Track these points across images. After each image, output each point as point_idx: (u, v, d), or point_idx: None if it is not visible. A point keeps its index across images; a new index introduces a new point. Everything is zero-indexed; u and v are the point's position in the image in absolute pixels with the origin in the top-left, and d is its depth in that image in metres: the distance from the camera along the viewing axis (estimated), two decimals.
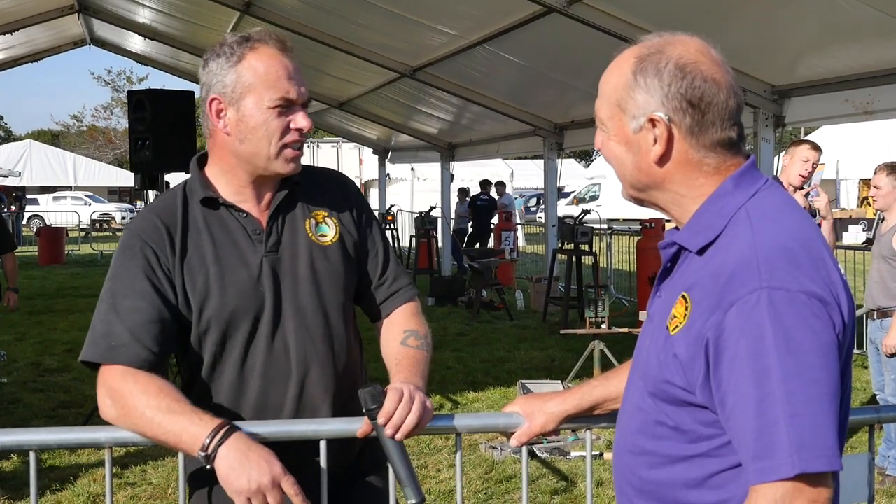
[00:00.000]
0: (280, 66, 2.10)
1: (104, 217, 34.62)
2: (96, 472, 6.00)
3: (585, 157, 53.65)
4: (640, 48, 1.69)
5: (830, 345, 1.49)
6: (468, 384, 8.65)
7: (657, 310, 1.74)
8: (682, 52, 1.65)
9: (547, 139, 12.63)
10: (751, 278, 1.51)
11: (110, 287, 2.10)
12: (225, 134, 2.14)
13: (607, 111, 1.71)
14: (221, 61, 2.12)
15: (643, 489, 1.73)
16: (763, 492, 1.47)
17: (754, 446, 1.47)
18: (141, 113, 7.86)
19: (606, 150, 1.75)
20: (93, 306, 2.12)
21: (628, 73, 1.67)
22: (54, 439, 2.15)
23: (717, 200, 1.65)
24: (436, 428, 2.20)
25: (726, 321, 1.51)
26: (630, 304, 13.41)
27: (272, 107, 2.08)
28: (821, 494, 1.46)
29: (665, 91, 1.63)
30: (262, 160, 2.12)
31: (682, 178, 1.67)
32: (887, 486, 5.77)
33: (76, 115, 62.67)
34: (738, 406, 1.49)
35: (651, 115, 1.64)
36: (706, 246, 1.63)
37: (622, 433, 1.81)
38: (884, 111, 6.64)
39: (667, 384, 1.63)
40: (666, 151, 1.65)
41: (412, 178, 26.08)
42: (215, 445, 1.89)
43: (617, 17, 7.34)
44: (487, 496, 5.67)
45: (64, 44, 16.26)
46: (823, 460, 1.44)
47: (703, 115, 1.63)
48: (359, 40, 11.00)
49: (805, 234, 1.60)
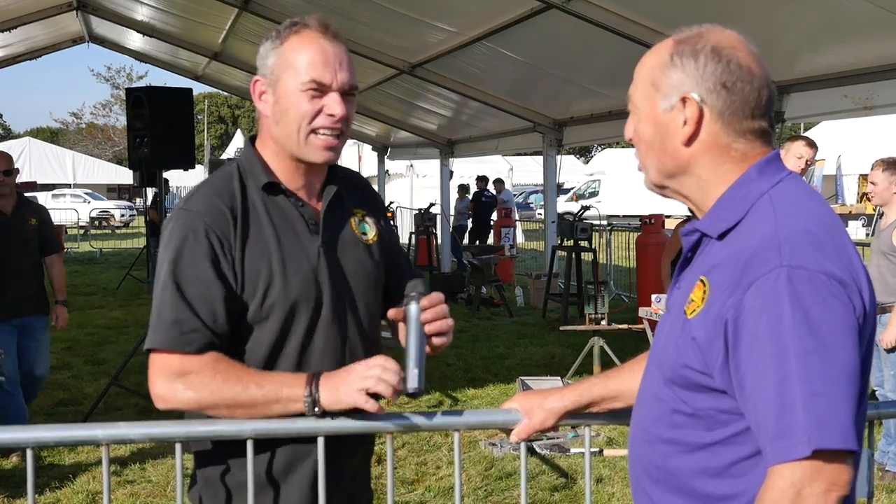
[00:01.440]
0: (317, 50, 2.08)
1: (103, 215, 34.61)
2: (96, 469, 6.00)
3: (585, 154, 53.67)
4: (680, 34, 1.71)
5: (850, 326, 1.49)
6: (468, 381, 8.65)
7: (676, 300, 1.74)
8: (721, 38, 1.67)
9: (546, 135, 12.62)
10: (771, 257, 1.51)
11: (174, 271, 2.04)
12: (265, 115, 2.15)
13: (641, 92, 1.73)
14: (268, 44, 2.13)
15: (661, 479, 1.72)
16: (781, 472, 1.46)
17: (774, 426, 1.46)
18: (139, 110, 7.86)
19: (636, 133, 1.75)
20: (92, 303, 2.12)
21: (665, 54, 1.69)
22: (51, 436, 2.14)
23: (740, 187, 1.65)
24: (435, 425, 2.20)
25: (745, 300, 1.51)
26: (630, 301, 13.41)
27: (304, 90, 2.07)
28: (840, 476, 1.45)
29: (700, 72, 1.64)
30: (294, 145, 2.11)
31: (707, 163, 1.68)
32: (887, 481, 5.78)
33: (75, 113, 62.77)
34: (758, 387, 1.49)
35: (684, 94, 1.65)
36: (727, 231, 1.64)
37: (638, 424, 1.81)
38: (883, 107, 6.65)
39: (685, 369, 1.62)
40: (695, 132, 1.66)
41: (411, 174, 26.07)
42: (315, 386, 2.01)
43: (616, 12, 7.33)
44: (487, 493, 5.66)
45: (62, 41, 16.25)
46: (839, 438, 1.42)
47: (735, 100, 1.64)
48: (358, 37, 10.98)
49: (828, 221, 1.60)
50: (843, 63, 6.65)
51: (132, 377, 8.33)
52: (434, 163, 18.22)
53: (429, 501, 5.53)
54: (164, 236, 2.10)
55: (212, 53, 14.90)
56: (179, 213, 2.11)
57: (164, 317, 2.03)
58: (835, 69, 6.79)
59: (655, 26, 7.31)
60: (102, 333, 11.44)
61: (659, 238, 11.93)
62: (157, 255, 2.13)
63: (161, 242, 2.12)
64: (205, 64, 16.40)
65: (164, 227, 2.12)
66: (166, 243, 2.08)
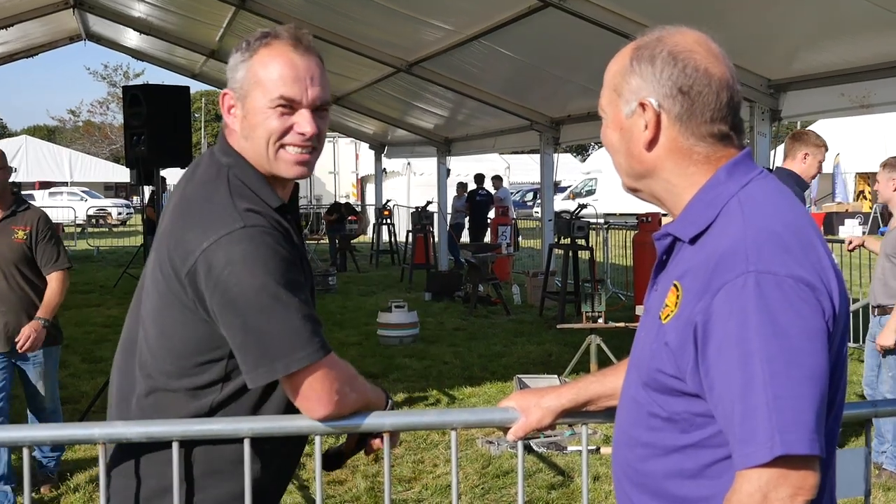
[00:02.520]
0: (287, 64, 2.01)
1: (100, 213, 34.58)
2: (93, 467, 5.99)
3: (582, 152, 53.65)
4: (641, 39, 1.73)
5: (818, 330, 1.49)
6: (465, 379, 8.66)
7: (653, 302, 1.74)
8: (679, 41, 1.67)
9: (543, 134, 12.63)
10: (738, 262, 1.51)
11: (276, 282, 1.89)
12: (233, 129, 2.09)
13: (606, 97, 1.76)
14: (238, 56, 2.07)
15: (639, 482, 1.73)
16: (748, 476, 1.47)
17: (739, 430, 1.47)
18: (136, 108, 7.84)
19: (605, 138, 1.79)
20: (89, 301, 2.10)
21: (626, 59, 1.71)
22: (48, 435, 2.15)
23: (709, 190, 1.66)
24: (432, 423, 2.20)
25: (714, 305, 1.52)
26: (627, 299, 13.41)
27: (273, 107, 2.01)
28: (806, 480, 1.45)
29: (657, 77, 1.65)
30: (264, 161, 2.05)
31: (672, 166, 1.69)
32: (883, 479, 5.79)
33: (73, 111, 62.75)
34: (725, 390, 1.50)
35: (642, 99, 1.66)
36: (698, 235, 1.64)
37: (619, 427, 1.82)
38: (881, 105, 6.65)
39: (659, 373, 1.63)
40: (655, 136, 1.67)
41: (408, 172, 26.07)
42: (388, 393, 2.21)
43: (613, 10, 7.32)
44: (484, 491, 5.67)
45: (59, 39, 16.24)
46: (805, 443, 1.43)
47: (693, 103, 1.64)
48: (355, 35, 10.99)
49: (797, 220, 1.60)
50: (841, 61, 6.65)
51: None
52: (431, 161, 18.23)
53: (426, 499, 5.53)
54: (236, 259, 1.90)
55: (209, 51, 14.90)
56: (244, 234, 1.91)
57: (303, 330, 1.91)
58: (832, 67, 6.79)
59: (652, 24, 7.30)
60: (99, 331, 11.44)
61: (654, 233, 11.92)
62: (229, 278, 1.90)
63: (230, 267, 1.90)
64: (202, 62, 16.39)
65: (226, 252, 1.91)
66: (245, 265, 1.89)
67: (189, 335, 2.00)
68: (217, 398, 2.02)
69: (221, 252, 1.90)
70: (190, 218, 1.99)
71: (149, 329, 2.07)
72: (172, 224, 2.03)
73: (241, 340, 1.92)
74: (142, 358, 2.07)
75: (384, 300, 12.19)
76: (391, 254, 20.14)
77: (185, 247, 1.95)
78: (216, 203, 1.98)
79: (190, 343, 2.00)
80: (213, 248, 1.91)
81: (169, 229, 2.03)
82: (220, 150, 2.12)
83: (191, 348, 2.00)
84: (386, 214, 19.75)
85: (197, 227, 1.95)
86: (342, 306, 13.30)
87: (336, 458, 2.26)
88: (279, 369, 1.90)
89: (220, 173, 2.05)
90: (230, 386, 2.01)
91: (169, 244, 2.00)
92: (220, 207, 1.96)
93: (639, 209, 16.29)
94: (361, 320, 12.10)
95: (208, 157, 2.13)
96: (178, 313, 2.00)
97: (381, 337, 10.60)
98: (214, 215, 1.95)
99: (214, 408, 2.02)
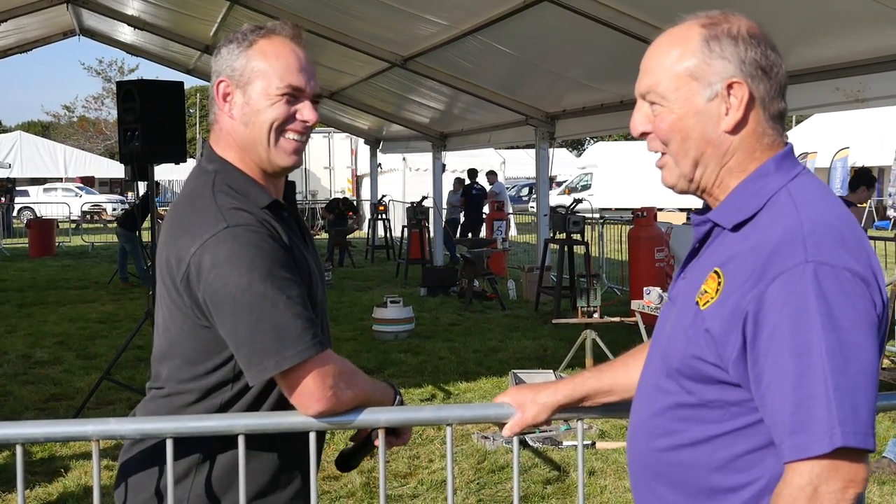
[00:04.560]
0: (291, 55, 2.07)
1: (95, 208, 34.49)
2: (87, 464, 5.98)
3: (577, 147, 53.67)
4: (700, 21, 1.67)
5: (871, 325, 1.49)
6: (460, 374, 8.66)
7: (681, 291, 1.72)
8: (747, 23, 1.65)
9: (538, 128, 12.62)
10: (796, 252, 1.50)
11: (268, 283, 1.90)
12: (229, 117, 2.09)
13: (671, 83, 1.66)
14: (233, 47, 2.09)
15: (663, 472, 1.70)
16: (799, 469, 1.45)
17: (791, 420, 1.45)
18: (130, 103, 7.80)
19: (666, 128, 1.68)
20: (84, 297, 2.09)
21: (697, 41, 1.65)
22: (41, 432, 2.13)
23: (756, 180, 1.64)
24: (428, 419, 2.19)
25: (768, 294, 1.50)
26: (622, 294, 13.42)
27: (280, 94, 2.05)
28: (858, 474, 1.45)
29: (742, 57, 1.62)
30: (262, 149, 2.07)
31: (742, 150, 1.66)
32: (878, 473, 5.78)
33: (67, 106, 62.47)
34: (775, 380, 1.48)
35: (730, 80, 1.62)
36: (742, 223, 1.62)
37: (638, 417, 1.79)
38: (875, 99, 6.65)
39: (696, 360, 1.61)
40: (744, 117, 1.63)
41: (404, 167, 26.04)
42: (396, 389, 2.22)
43: (608, 5, 7.32)
44: (480, 486, 5.67)
45: (53, 34, 16.20)
46: (861, 437, 1.42)
47: (771, 83, 1.63)
48: (350, 30, 10.97)
49: (847, 216, 1.60)
50: (836, 56, 6.65)
51: (124, 372, 8.33)
52: (426, 156, 18.20)
53: (421, 495, 5.53)
54: (222, 260, 1.91)
55: (203, 47, 14.84)
56: (236, 231, 1.93)
57: (295, 327, 1.91)
58: (827, 62, 6.79)
59: (648, 19, 7.30)
60: (94, 328, 11.40)
61: (651, 231, 11.93)
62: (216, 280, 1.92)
63: (216, 269, 1.92)
64: (196, 57, 16.34)
65: (212, 254, 1.93)
66: (230, 264, 1.91)
67: (195, 343, 2.03)
68: (226, 397, 2.06)
69: (208, 255, 1.93)
70: (179, 225, 2.02)
71: (161, 339, 2.13)
72: (167, 235, 2.07)
73: (235, 340, 1.95)
74: (161, 366, 2.14)
75: (379, 295, 12.18)
76: (387, 249, 20.12)
77: (177, 254, 1.99)
78: (200, 207, 2.01)
79: (198, 350, 2.04)
80: (199, 251, 1.94)
81: (164, 241, 2.08)
82: (206, 159, 2.15)
83: (199, 355, 2.04)
84: (381, 210, 19.74)
85: (185, 234, 1.98)
86: (337, 301, 13.29)
87: (350, 458, 2.27)
88: (270, 367, 1.92)
89: (207, 180, 2.08)
90: (239, 384, 2.05)
91: (167, 255, 2.03)
92: (204, 211, 2.00)
93: (634, 204, 16.28)
94: (357, 315, 12.09)
95: (196, 168, 2.17)
96: (181, 322, 2.04)
97: (376, 332, 10.60)
98: (200, 219, 1.98)
99: (224, 406, 2.06)
